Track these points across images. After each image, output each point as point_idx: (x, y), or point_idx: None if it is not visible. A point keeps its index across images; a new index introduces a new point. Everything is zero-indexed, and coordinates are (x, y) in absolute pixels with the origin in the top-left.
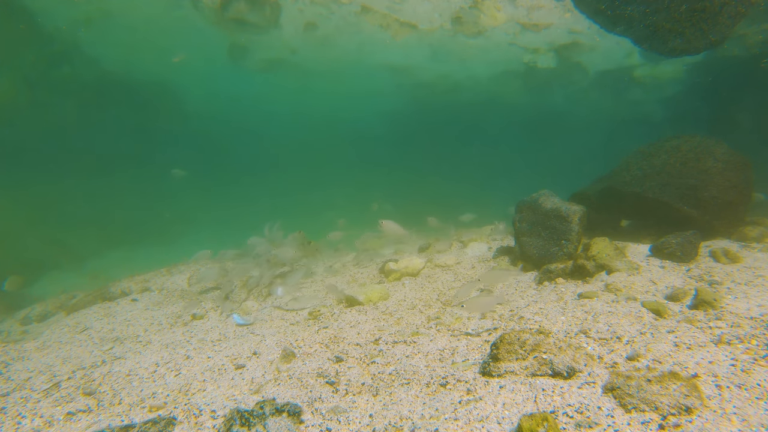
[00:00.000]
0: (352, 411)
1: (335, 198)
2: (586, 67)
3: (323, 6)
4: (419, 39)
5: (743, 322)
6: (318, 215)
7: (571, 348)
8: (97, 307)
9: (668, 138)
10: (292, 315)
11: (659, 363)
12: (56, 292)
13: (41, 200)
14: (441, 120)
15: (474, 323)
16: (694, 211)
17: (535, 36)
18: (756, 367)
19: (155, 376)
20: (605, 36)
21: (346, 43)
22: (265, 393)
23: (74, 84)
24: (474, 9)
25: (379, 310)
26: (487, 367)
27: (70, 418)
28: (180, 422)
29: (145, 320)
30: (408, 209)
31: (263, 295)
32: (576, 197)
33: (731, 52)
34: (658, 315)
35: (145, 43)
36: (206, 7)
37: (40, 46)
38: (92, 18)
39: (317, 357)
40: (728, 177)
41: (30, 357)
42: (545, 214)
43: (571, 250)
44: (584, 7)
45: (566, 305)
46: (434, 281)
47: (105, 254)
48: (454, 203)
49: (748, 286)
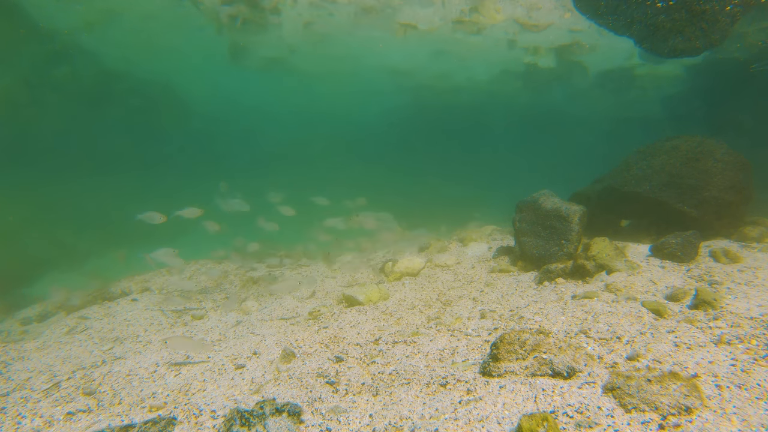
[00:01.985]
0: (352, 411)
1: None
2: (586, 67)
3: (323, 6)
4: (419, 39)
5: (743, 322)
6: (318, 215)
7: (571, 348)
8: (97, 307)
9: (668, 138)
10: (292, 315)
11: (659, 363)
12: (56, 292)
13: (41, 200)
14: (441, 120)
15: (474, 323)
16: (694, 211)
17: (535, 36)
18: (756, 367)
19: (155, 376)
20: (605, 36)
21: (346, 43)
22: (265, 393)
23: (74, 84)
24: (474, 10)
25: (379, 310)
26: (487, 367)
27: (70, 418)
28: (180, 422)
29: (145, 320)
30: (408, 209)
31: (263, 295)
32: (576, 197)
33: (731, 52)
34: (658, 315)
35: (146, 43)
36: (206, 6)
37: (41, 45)
38: (93, 18)
39: (317, 357)
40: (728, 177)
41: (30, 357)
42: (545, 214)
43: (571, 250)
44: (584, 7)
45: (566, 305)
46: (434, 281)
47: (105, 254)
48: (453, 203)
49: (748, 286)
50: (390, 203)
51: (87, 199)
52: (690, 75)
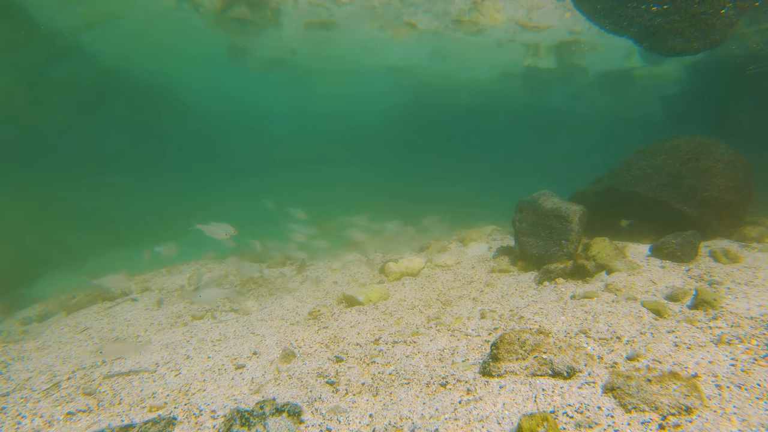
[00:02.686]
0: (352, 411)
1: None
2: (586, 67)
3: (323, 6)
4: (419, 39)
5: (743, 322)
6: (317, 214)
7: (571, 348)
8: (97, 307)
9: (668, 138)
10: (292, 315)
11: (659, 363)
12: (56, 292)
13: (41, 200)
14: (441, 120)
15: (474, 323)
16: (694, 211)
17: (535, 36)
18: (756, 367)
19: (155, 376)
20: (605, 36)
21: (345, 43)
22: (265, 393)
23: (74, 84)
24: (474, 9)
25: (379, 310)
26: (487, 367)
27: (70, 418)
28: (180, 422)
29: (145, 320)
30: (408, 209)
31: (263, 295)
32: (576, 197)
33: (731, 52)
34: (658, 315)
35: (146, 43)
36: (206, 7)
37: (41, 46)
38: (93, 19)
39: (317, 357)
40: (728, 177)
41: (30, 357)
42: (545, 214)
43: (571, 250)
44: (584, 7)
45: (566, 305)
46: (434, 281)
47: (105, 254)
48: (454, 203)
49: (748, 286)
50: (389, 203)
51: (87, 199)
52: (690, 75)
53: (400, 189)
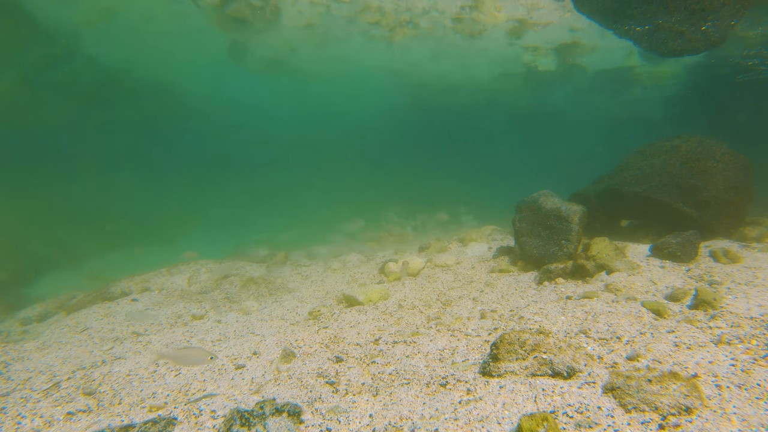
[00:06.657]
0: (352, 411)
1: (333, 196)
2: (585, 67)
3: (323, 5)
4: (419, 39)
5: (743, 322)
6: (316, 212)
7: (571, 348)
8: (97, 307)
9: (668, 138)
10: (292, 315)
11: (659, 363)
12: (56, 292)
13: (41, 200)
14: (441, 120)
15: (474, 323)
16: (694, 211)
17: (535, 36)
18: (756, 367)
19: (155, 376)
20: (605, 36)
21: (346, 43)
22: (265, 393)
23: (74, 84)
24: (474, 9)
25: (379, 310)
26: (487, 367)
27: (70, 418)
28: (180, 422)
29: (145, 320)
30: (408, 209)
31: (263, 295)
32: (576, 197)
33: (731, 52)
34: (658, 315)
35: (146, 43)
36: (206, 5)
37: (41, 46)
38: (94, 17)
39: (317, 357)
40: (728, 177)
41: (30, 357)
42: (545, 214)
43: (571, 250)
44: (584, 7)
45: (566, 305)
46: (434, 281)
47: (105, 254)
48: (454, 203)
49: (748, 286)
50: (389, 203)
51: (87, 199)
52: (690, 75)
53: (398, 189)
